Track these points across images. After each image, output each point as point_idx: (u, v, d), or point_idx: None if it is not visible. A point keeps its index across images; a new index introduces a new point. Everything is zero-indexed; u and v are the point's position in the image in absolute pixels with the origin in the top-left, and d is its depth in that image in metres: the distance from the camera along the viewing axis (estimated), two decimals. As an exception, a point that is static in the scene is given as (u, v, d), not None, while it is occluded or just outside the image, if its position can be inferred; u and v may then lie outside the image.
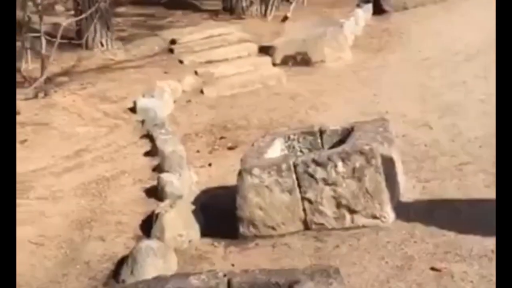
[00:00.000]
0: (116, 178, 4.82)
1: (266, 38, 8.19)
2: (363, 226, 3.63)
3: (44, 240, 3.92)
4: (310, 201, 3.66)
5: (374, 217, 3.62)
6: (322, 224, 3.68)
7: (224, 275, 2.44)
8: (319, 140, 4.10)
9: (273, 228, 3.74)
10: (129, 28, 8.69)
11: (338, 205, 3.63)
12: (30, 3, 6.76)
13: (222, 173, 4.83)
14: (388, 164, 3.72)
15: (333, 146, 4.00)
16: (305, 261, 3.46)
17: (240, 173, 3.77)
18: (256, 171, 3.70)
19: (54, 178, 4.85)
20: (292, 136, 4.16)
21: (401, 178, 4.00)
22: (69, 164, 5.10)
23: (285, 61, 7.48)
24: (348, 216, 3.64)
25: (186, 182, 4.58)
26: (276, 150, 4.04)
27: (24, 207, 4.34)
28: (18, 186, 4.65)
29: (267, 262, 3.56)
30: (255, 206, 3.73)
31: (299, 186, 3.66)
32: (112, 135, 5.72)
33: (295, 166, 3.66)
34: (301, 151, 4.11)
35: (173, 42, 7.99)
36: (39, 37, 6.56)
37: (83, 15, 7.18)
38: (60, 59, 6.94)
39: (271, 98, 6.61)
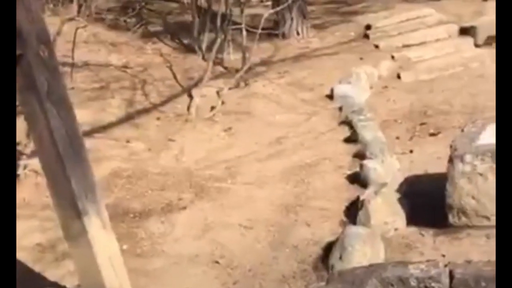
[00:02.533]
0: (318, 164, 4.86)
1: (466, 18, 7.77)
2: None
3: (253, 223, 4.06)
4: (530, 190, 3.39)
5: None
6: (544, 214, 3.40)
7: (445, 265, 2.33)
8: (537, 125, 3.79)
9: (487, 218, 3.53)
10: (323, 15, 8.71)
11: None
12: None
13: (425, 160, 4.67)
14: None
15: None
16: (525, 254, 3.22)
17: (450, 160, 3.60)
18: (468, 157, 3.52)
19: (258, 164, 5.01)
20: (506, 121, 3.89)
21: None
22: (272, 150, 5.24)
23: (489, 42, 7.04)
24: None
25: (389, 168, 4.50)
26: (489, 136, 3.80)
27: (233, 191, 4.55)
28: (226, 171, 4.89)
29: (481, 254, 3.37)
30: (467, 195, 3.55)
31: (517, 173, 3.41)
32: (310, 122, 5.79)
33: (512, 152, 3.41)
34: (516, 136, 3.82)
35: (368, 27, 7.88)
36: (239, 30, 6.81)
37: (283, 5, 7.32)
38: (258, 49, 7.14)
39: (474, 81, 6.27)
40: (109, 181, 4.68)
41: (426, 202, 3.93)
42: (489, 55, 6.78)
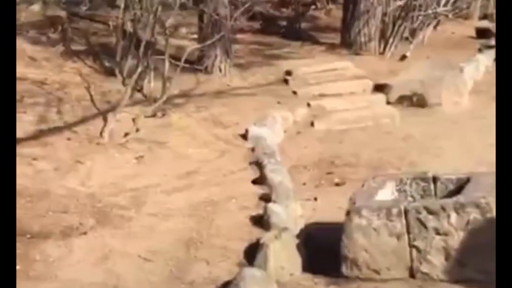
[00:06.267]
0: (224, 202, 4.92)
1: (382, 75, 8.13)
2: (472, 281, 3.51)
3: (153, 255, 4.05)
4: (418, 249, 3.58)
5: (485, 272, 3.49)
6: (428, 274, 3.59)
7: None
8: (432, 187, 4.02)
9: (377, 272, 3.68)
10: (247, 55, 8.89)
11: (447, 257, 3.53)
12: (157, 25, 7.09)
13: (327, 209, 4.82)
14: (505, 220, 3.58)
15: (446, 195, 3.91)
16: (408, 310, 3.39)
17: (348, 213, 3.75)
18: (365, 212, 3.68)
19: (165, 196, 5.01)
20: (404, 180, 4.10)
21: (516, 235, 3.83)
22: (180, 184, 5.25)
23: (400, 101, 7.41)
24: (456, 269, 3.53)
25: (292, 214, 4.61)
26: (387, 193, 3.99)
27: (136, 221, 4.52)
28: (132, 200, 4.87)
29: (368, 306, 3.52)
30: (361, 248, 3.70)
31: (408, 232, 3.60)
32: (222, 159, 5.86)
33: (406, 211, 3.60)
34: (412, 196, 4.04)
35: (288, 73, 8.10)
36: (163, 59, 6.84)
37: (208, 42, 7.42)
38: (179, 81, 7.19)
39: (382, 137, 6.55)
40: (10, 198, 4.55)
41: (323, 250, 4.04)
42: (399, 113, 7.13)
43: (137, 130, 6.05)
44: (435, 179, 4.04)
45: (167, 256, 4.06)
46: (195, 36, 8.37)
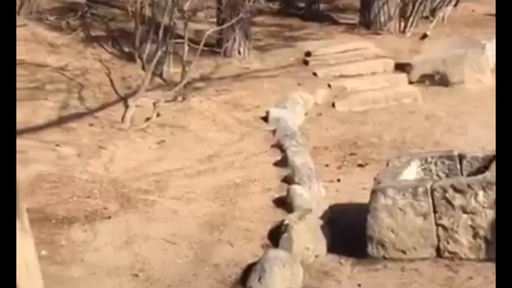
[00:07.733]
0: (246, 185, 4.91)
1: (403, 55, 8.04)
2: (500, 260, 3.46)
3: (177, 238, 4.06)
4: (445, 228, 3.55)
5: (513, 251, 3.44)
6: (456, 253, 3.56)
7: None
8: (458, 166, 3.98)
9: (403, 252, 3.66)
10: (266, 38, 8.83)
11: (475, 235, 3.50)
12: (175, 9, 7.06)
13: (351, 190, 4.80)
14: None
15: (472, 173, 3.86)
16: (435, 289, 3.36)
17: (373, 193, 3.72)
18: (390, 191, 3.64)
19: (188, 179, 5.01)
20: (429, 159, 4.06)
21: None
22: (202, 167, 5.25)
23: (422, 80, 7.33)
24: (484, 247, 3.49)
25: (315, 195, 4.59)
26: (411, 172, 3.95)
27: (160, 205, 4.53)
28: (155, 184, 4.88)
29: (395, 286, 3.50)
30: (387, 228, 3.67)
31: (435, 211, 3.57)
32: (243, 142, 5.84)
33: (432, 190, 3.56)
34: (438, 175, 3.99)
35: (308, 54, 8.04)
36: (182, 43, 6.81)
37: (227, 24, 7.37)
38: (199, 65, 7.17)
39: (405, 117, 6.49)
40: (34, 184, 4.58)
41: (348, 231, 4.03)
42: (421, 92, 7.05)
43: (158, 114, 6.06)
44: (460, 157, 4.00)
45: (191, 239, 4.06)
46: (214, 19, 8.32)
